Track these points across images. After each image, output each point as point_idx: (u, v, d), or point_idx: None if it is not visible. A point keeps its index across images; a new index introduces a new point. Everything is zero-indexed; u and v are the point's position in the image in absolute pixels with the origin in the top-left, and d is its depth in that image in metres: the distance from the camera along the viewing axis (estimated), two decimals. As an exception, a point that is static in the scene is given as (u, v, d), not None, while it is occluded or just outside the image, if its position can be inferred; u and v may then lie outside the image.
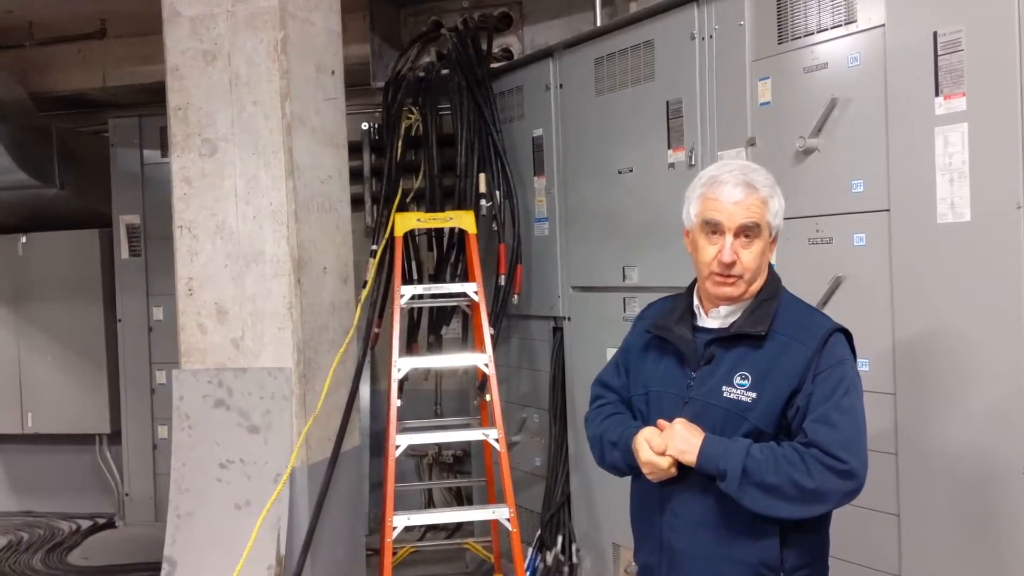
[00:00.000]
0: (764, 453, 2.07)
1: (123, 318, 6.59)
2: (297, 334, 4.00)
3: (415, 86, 5.30)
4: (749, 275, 2.19)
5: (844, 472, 2.04)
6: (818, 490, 2.05)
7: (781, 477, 2.04)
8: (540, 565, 4.77)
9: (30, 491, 7.17)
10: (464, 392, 5.85)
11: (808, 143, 3.24)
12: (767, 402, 2.13)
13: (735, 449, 2.09)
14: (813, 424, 2.08)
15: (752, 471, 2.05)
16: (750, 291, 2.22)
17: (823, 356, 2.13)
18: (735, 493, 2.07)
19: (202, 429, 4.05)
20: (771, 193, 2.21)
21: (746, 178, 2.19)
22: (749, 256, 2.18)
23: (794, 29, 3.35)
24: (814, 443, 2.06)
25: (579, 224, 4.58)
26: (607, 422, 2.37)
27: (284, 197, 3.99)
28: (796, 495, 2.05)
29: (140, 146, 6.52)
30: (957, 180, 2.80)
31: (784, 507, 2.07)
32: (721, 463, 2.08)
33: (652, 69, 4.02)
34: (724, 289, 2.20)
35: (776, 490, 2.05)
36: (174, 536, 4.02)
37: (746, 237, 2.18)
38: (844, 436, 2.06)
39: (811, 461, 2.05)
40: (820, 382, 2.11)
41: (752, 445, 2.09)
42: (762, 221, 2.18)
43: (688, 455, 2.13)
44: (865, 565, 3.11)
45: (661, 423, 2.20)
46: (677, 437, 2.15)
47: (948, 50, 2.82)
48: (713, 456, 2.10)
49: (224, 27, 4.01)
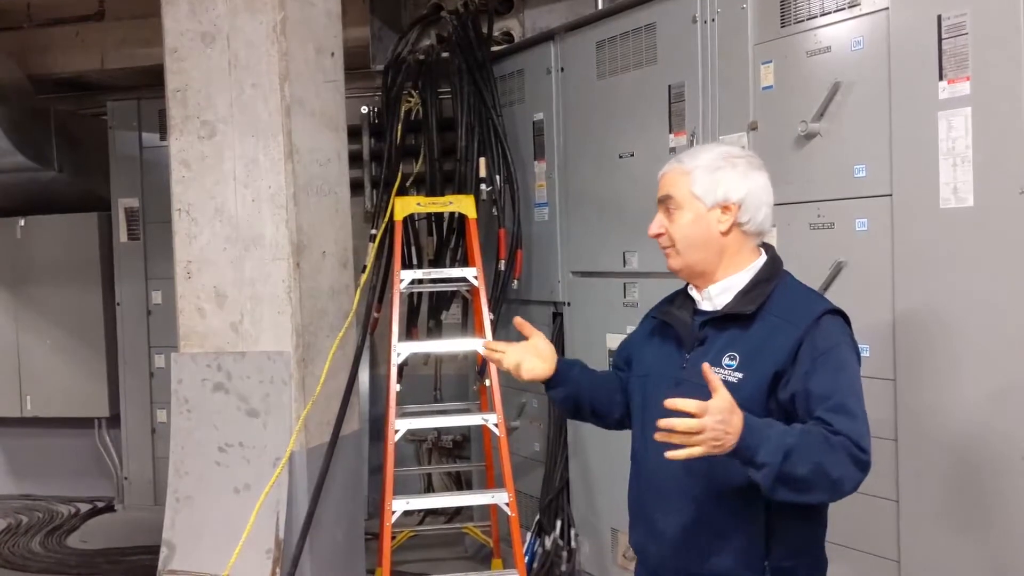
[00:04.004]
0: (798, 441, 1.95)
1: (122, 301, 6.58)
2: (296, 318, 3.99)
3: (415, 69, 5.26)
4: (680, 244, 2.24)
5: (864, 464, 2.00)
6: (840, 480, 1.98)
7: (810, 467, 1.94)
8: (539, 550, 4.78)
9: (29, 474, 7.19)
10: (463, 377, 5.84)
11: (810, 127, 3.22)
12: (753, 383, 2.10)
13: (775, 441, 1.94)
14: (831, 413, 2.01)
15: (787, 464, 1.93)
16: (691, 263, 2.25)
17: (818, 338, 2.09)
18: (768, 487, 1.95)
19: (201, 413, 4.05)
20: (702, 164, 2.23)
21: (680, 156, 2.30)
22: (672, 226, 2.25)
23: (797, 12, 3.32)
24: (841, 432, 1.98)
25: (579, 209, 4.57)
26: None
27: (283, 180, 3.97)
28: (820, 484, 1.97)
29: (139, 129, 6.50)
30: (960, 165, 2.79)
31: (803, 496, 1.99)
32: (760, 455, 1.93)
33: (654, 53, 4.00)
34: (667, 261, 2.30)
35: (803, 482, 1.95)
36: (173, 520, 4.03)
37: (667, 210, 2.26)
38: (863, 427, 2.03)
39: (839, 451, 1.97)
40: (821, 364, 2.07)
41: (786, 433, 1.95)
42: (678, 192, 2.23)
43: (721, 448, 1.91)
44: (864, 551, 3.11)
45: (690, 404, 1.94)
46: (720, 424, 1.90)
47: (952, 34, 2.80)
48: (752, 447, 1.93)
49: (223, 8, 3.99)
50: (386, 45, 5.62)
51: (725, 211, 2.21)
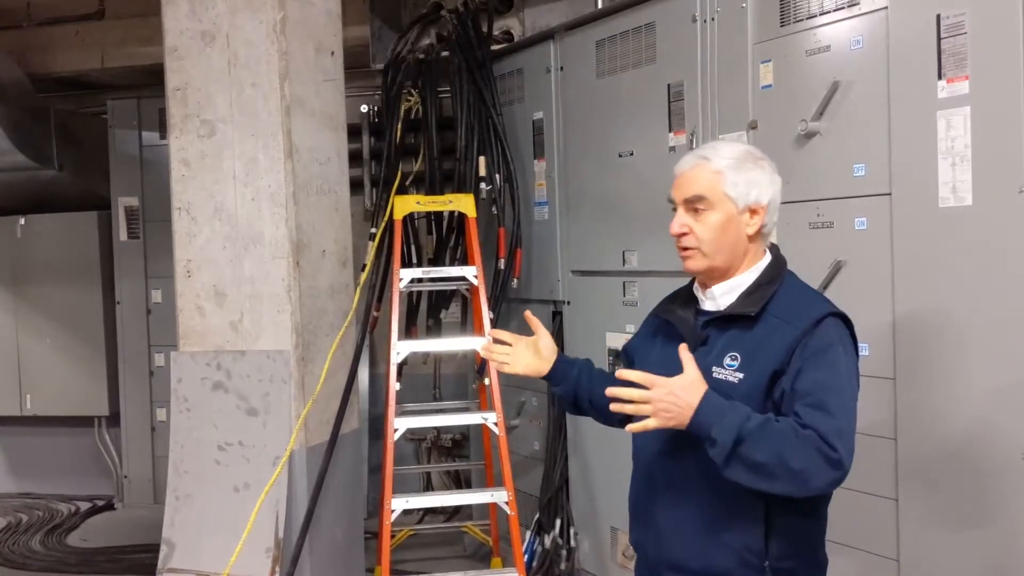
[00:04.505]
0: (759, 427, 2.00)
1: (122, 300, 6.58)
2: (296, 317, 3.99)
3: (415, 68, 5.26)
4: (707, 246, 2.18)
5: (834, 461, 1.99)
6: (803, 472, 1.99)
7: (770, 455, 1.98)
8: (538, 548, 4.78)
9: (29, 473, 7.19)
10: (463, 376, 5.84)
11: (810, 126, 3.22)
12: (753, 383, 2.10)
13: (731, 420, 2.01)
14: (807, 408, 2.02)
15: (743, 447, 1.99)
16: (718, 266, 2.20)
17: (813, 338, 2.09)
18: (721, 464, 2.01)
19: (200, 412, 4.05)
20: (731, 164, 2.18)
21: (702, 152, 2.23)
22: (700, 227, 2.18)
23: (796, 11, 3.32)
24: (810, 426, 2.00)
25: (579, 208, 4.57)
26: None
27: (283, 179, 3.97)
28: (781, 474, 1.99)
29: (139, 128, 6.50)
30: (959, 164, 2.79)
31: (764, 483, 2.01)
32: (714, 431, 2.01)
33: (653, 52, 4.00)
34: (685, 262, 2.23)
35: (762, 468, 1.99)
36: (173, 518, 4.03)
37: (695, 210, 2.19)
38: (838, 425, 2.01)
39: (805, 443, 1.98)
40: (810, 363, 2.07)
41: (748, 418, 2.01)
42: (711, 192, 2.17)
43: (675, 420, 2.03)
44: (863, 549, 3.11)
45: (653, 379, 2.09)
46: (667, 396, 2.04)
47: (951, 33, 2.80)
48: (705, 423, 2.01)
49: (223, 7, 3.99)
50: (386, 44, 5.62)
51: (754, 214, 2.20)
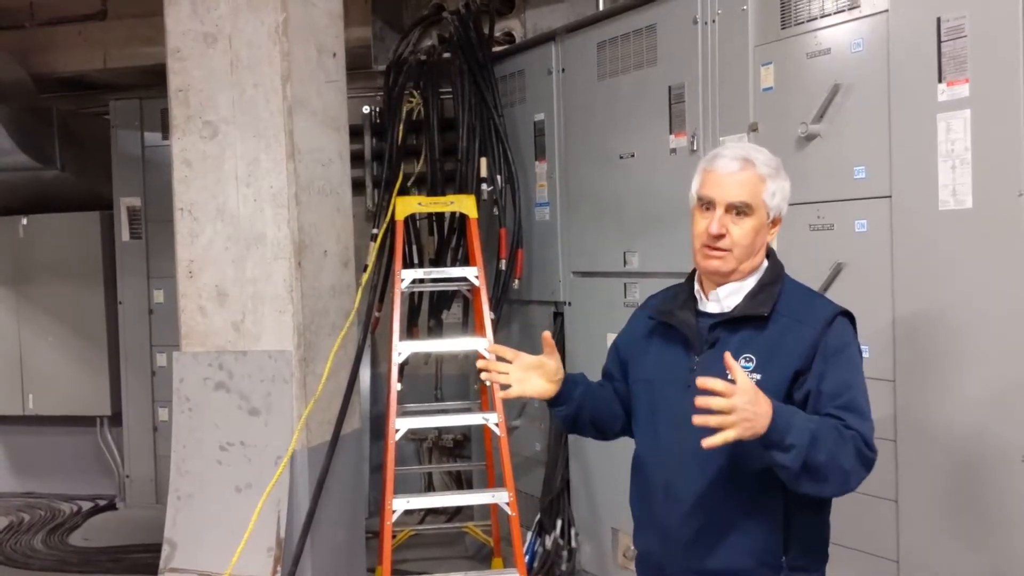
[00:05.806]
0: (820, 429, 1.96)
1: (124, 300, 6.59)
2: (297, 317, 4.00)
3: (416, 69, 5.27)
4: (739, 251, 2.16)
5: (870, 463, 2.02)
6: (849, 473, 2.00)
7: (828, 456, 1.95)
8: (539, 549, 4.79)
9: (31, 472, 7.19)
10: (464, 376, 5.85)
11: (810, 129, 3.23)
12: (772, 383, 2.09)
13: (800, 424, 1.95)
14: (843, 411, 2.03)
15: (812, 452, 1.94)
16: (741, 270, 2.19)
17: (831, 337, 2.11)
18: (796, 469, 1.94)
19: (202, 412, 4.06)
20: (771, 173, 2.18)
21: (745, 154, 2.18)
22: (739, 231, 2.16)
23: (797, 14, 3.33)
24: (853, 428, 2.01)
25: (580, 209, 4.57)
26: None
27: (285, 180, 3.98)
28: (833, 475, 1.98)
29: (141, 128, 6.50)
30: (959, 167, 2.80)
31: (814, 484, 1.99)
32: (789, 437, 1.93)
33: (654, 54, 4.01)
34: (712, 262, 2.17)
35: (821, 471, 1.96)
36: (175, 518, 4.04)
37: (737, 214, 2.16)
38: (871, 427, 2.06)
39: (851, 445, 1.99)
40: (832, 364, 2.09)
41: (809, 420, 1.98)
42: (755, 200, 2.16)
43: (752, 430, 1.92)
44: (863, 551, 3.12)
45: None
46: (749, 404, 1.91)
47: (951, 36, 2.81)
48: (783, 428, 1.94)
49: (225, 8, 4.00)
50: (388, 45, 5.63)
51: (775, 225, 2.22)
